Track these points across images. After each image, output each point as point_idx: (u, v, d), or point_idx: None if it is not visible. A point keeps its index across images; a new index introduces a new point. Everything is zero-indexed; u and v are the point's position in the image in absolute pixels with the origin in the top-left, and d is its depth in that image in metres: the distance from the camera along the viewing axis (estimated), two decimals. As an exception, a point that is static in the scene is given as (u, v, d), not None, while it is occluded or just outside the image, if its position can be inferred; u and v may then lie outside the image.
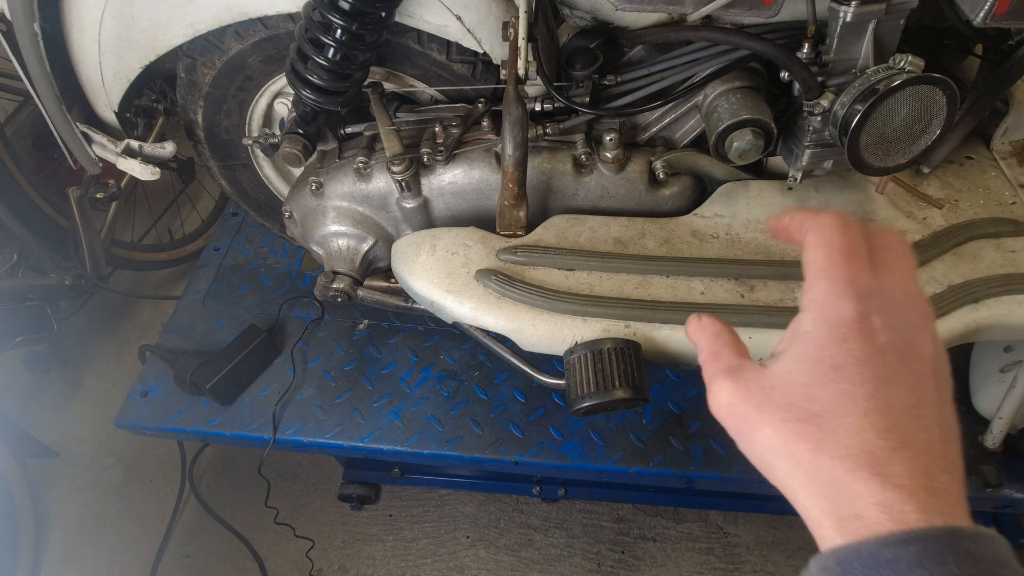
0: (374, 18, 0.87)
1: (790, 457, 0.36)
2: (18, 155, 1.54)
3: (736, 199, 0.94)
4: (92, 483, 1.75)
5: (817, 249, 0.41)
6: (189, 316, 1.43)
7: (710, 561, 1.54)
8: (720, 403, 0.41)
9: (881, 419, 0.35)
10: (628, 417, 1.24)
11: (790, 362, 0.38)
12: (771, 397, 0.38)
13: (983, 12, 0.74)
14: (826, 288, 0.39)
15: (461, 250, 0.90)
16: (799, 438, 0.36)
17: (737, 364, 0.42)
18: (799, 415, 0.36)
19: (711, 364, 0.43)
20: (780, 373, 0.39)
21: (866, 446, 0.34)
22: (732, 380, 0.41)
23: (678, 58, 0.90)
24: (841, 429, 0.35)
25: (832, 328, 0.38)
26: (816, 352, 0.38)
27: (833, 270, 0.39)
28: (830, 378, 0.36)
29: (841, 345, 0.37)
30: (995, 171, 0.99)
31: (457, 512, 1.64)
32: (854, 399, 0.36)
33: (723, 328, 0.45)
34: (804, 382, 0.37)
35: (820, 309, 0.39)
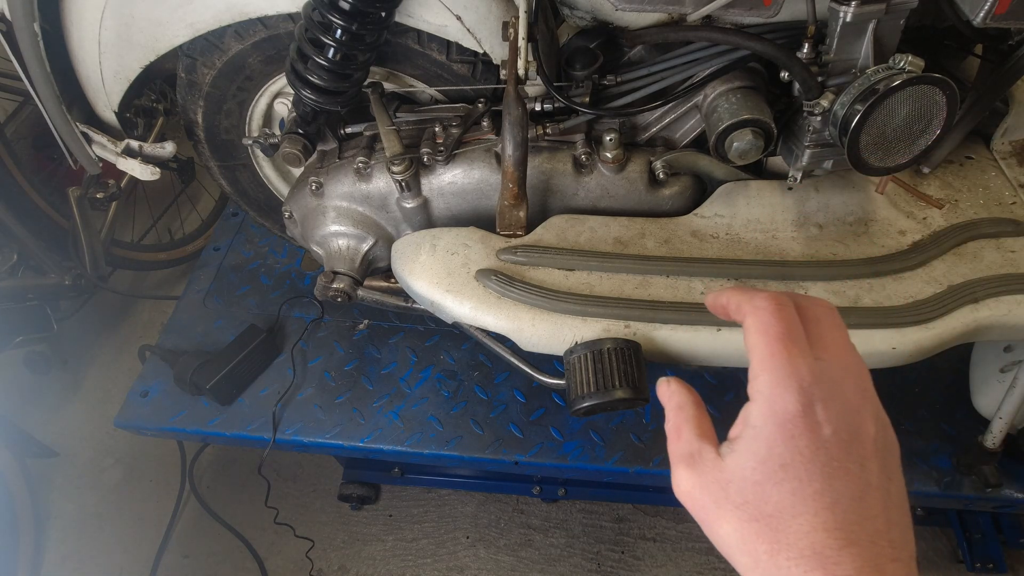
0: (374, 18, 0.87)
1: (750, 555, 0.38)
2: (18, 155, 1.55)
3: (736, 199, 0.94)
4: (92, 483, 1.75)
5: (756, 336, 0.42)
6: (189, 316, 1.44)
7: (710, 561, 1.54)
8: (681, 491, 0.43)
9: (830, 517, 0.37)
10: (628, 417, 1.24)
11: (743, 457, 0.40)
12: (728, 493, 0.40)
13: (983, 12, 0.74)
14: (770, 380, 0.41)
15: (461, 250, 0.90)
16: (756, 538, 0.38)
17: (696, 450, 0.43)
18: (754, 514, 0.38)
19: (673, 443, 0.45)
20: (734, 468, 0.40)
21: (816, 547, 0.36)
22: (691, 470, 0.42)
23: (678, 58, 0.90)
24: (793, 529, 0.37)
25: (779, 425, 0.39)
26: (766, 450, 0.39)
27: (775, 359, 0.41)
28: (780, 477, 0.38)
29: (788, 442, 0.39)
30: (995, 171, 0.99)
31: (457, 512, 1.64)
32: (803, 498, 0.37)
33: (687, 399, 0.47)
34: (757, 479, 0.39)
35: (767, 403, 0.40)
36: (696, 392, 0.49)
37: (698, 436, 0.45)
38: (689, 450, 0.44)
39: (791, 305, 0.44)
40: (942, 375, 1.27)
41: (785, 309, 0.43)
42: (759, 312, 0.43)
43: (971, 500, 1.17)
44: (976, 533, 1.46)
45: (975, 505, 1.22)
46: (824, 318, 0.44)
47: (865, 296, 0.85)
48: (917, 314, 0.83)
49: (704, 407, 0.47)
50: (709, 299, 0.49)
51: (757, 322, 0.43)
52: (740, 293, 0.46)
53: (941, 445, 1.20)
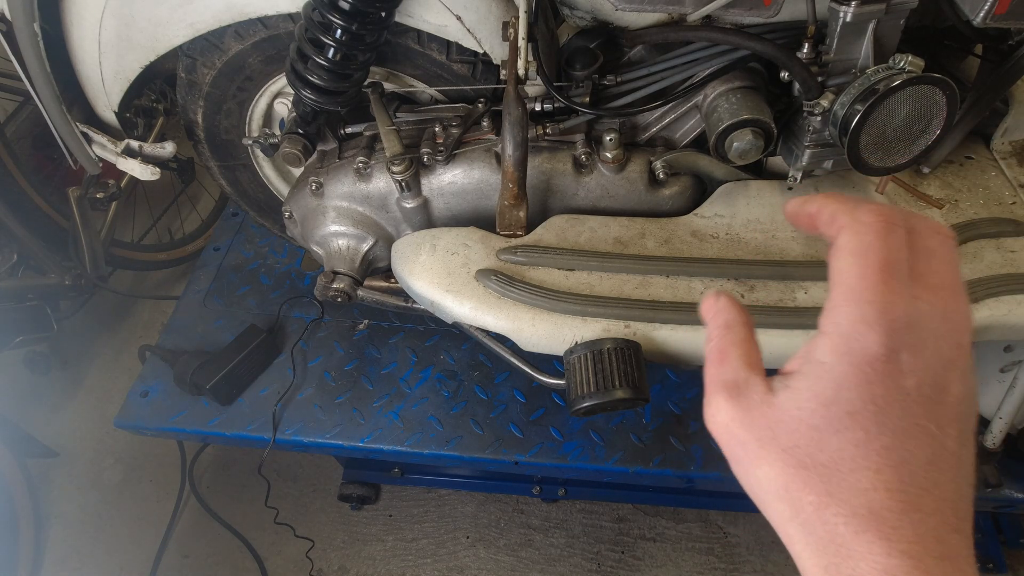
0: (374, 18, 0.87)
1: (791, 504, 0.34)
2: (18, 155, 1.54)
3: (736, 199, 0.94)
4: (92, 483, 1.75)
5: (850, 258, 0.35)
6: (189, 316, 1.44)
7: (710, 561, 1.54)
8: (717, 423, 0.37)
9: (895, 477, 0.33)
10: (628, 417, 1.24)
11: (802, 397, 0.35)
12: (776, 434, 0.35)
13: (983, 12, 0.74)
14: (854, 315, 0.34)
15: (461, 250, 0.90)
16: (803, 487, 0.34)
17: (743, 380, 0.37)
18: (805, 461, 0.34)
19: (715, 368, 0.39)
20: (789, 408, 0.35)
21: (874, 506, 0.32)
22: (734, 402, 0.37)
23: (678, 58, 0.90)
24: (850, 484, 0.33)
25: (855, 365, 0.34)
26: (834, 392, 0.34)
27: (866, 292, 0.34)
28: (844, 424, 0.33)
29: (863, 387, 0.33)
30: (995, 171, 0.99)
31: (457, 512, 1.64)
32: (867, 452, 0.33)
33: (737, 318, 0.40)
34: (815, 424, 0.34)
35: (843, 338, 0.34)
36: (748, 313, 0.41)
37: (746, 364, 0.38)
38: (734, 378, 0.37)
39: (902, 227, 0.36)
40: (942, 375, 1.27)
41: (895, 232, 0.35)
42: (861, 228, 0.35)
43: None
44: (976, 533, 1.46)
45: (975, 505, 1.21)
46: (939, 251, 0.36)
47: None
48: (917, 314, 0.83)
49: (755, 334, 0.40)
50: (792, 207, 0.41)
51: (856, 241, 0.35)
52: (839, 201, 0.38)
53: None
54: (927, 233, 0.37)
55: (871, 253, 0.35)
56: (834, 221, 0.37)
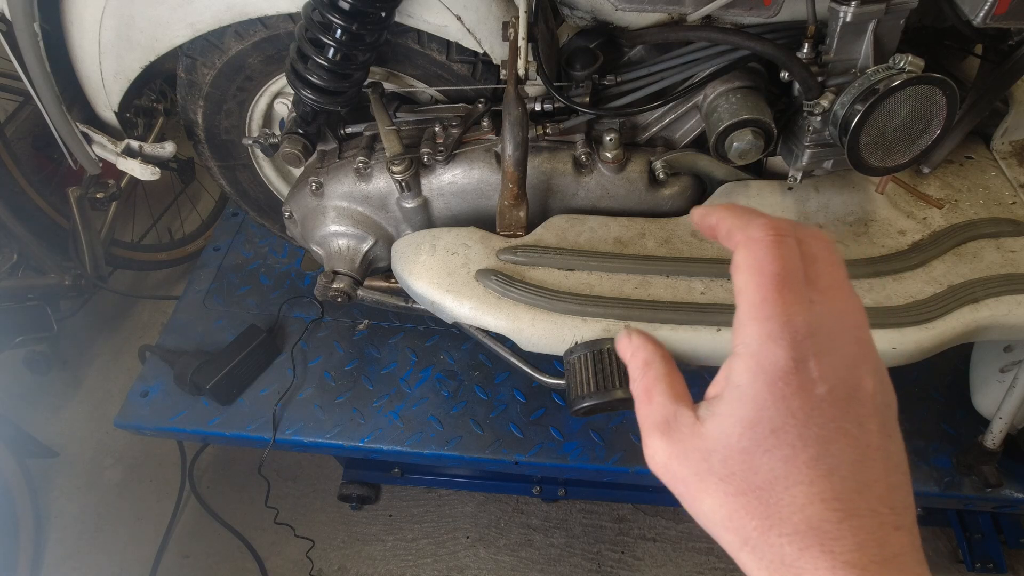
0: (374, 18, 0.87)
1: (737, 532, 0.34)
2: (18, 155, 1.54)
3: (736, 199, 0.94)
4: (92, 483, 1.75)
5: (747, 275, 0.36)
6: (189, 316, 1.44)
7: (710, 561, 1.54)
8: (657, 463, 0.38)
9: (827, 487, 0.33)
10: (628, 417, 1.24)
11: (727, 423, 0.35)
12: (711, 464, 0.35)
13: (983, 12, 0.74)
14: (759, 332, 0.35)
15: (461, 250, 0.90)
16: (745, 513, 0.34)
17: (671, 414, 0.38)
18: (742, 487, 0.34)
19: (643, 407, 0.39)
20: (717, 435, 0.35)
21: (813, 520, 0.32)
22: (667, 439, 0.37)
23: (678, 58, 0.90)
24: (787, 502, 0.33)
25: (769, 383, 0.34)
26: (755, 412, 0.34)
27: (765, 308, 0.35)
28: (770, 444, 0.34)
29: (780, 403, 0.34)
30: (995, 171, 0.99)
31: (457, 512, 1.64)
32: (797, 467, 0.33)
33: (655, 354, 0.41)
34: (743, 447, 0.34)
35: (753, 357, 0.35)
36: (662, 345, 0.42)
37: (672, 398, 0.39)
38: (663, 415, 0.38)
39: (792, 238, 0.37)
40: (942, 375, 1.27)
41: (786, 243, 0.36)
42: (754, 245, 0.36)
43: (971, 500, 1.17)
44: (976, 533, 1.46)
45: (975, 505, 1.22)
46: (821, 254, 0.38)
47: (865, 296, 0.85)
48: (917, 314, 0.83)
49: (673, 362, 0.41)
50: (697, 213, 0.41)
51: (750, 258, 0.36)
52: (734, 215, 0.38)
53: (941, 445, 1.20)
54: (810, 240, 0.38)
55: (765, 268, 0.36)
56: (730, 237, 0.38)
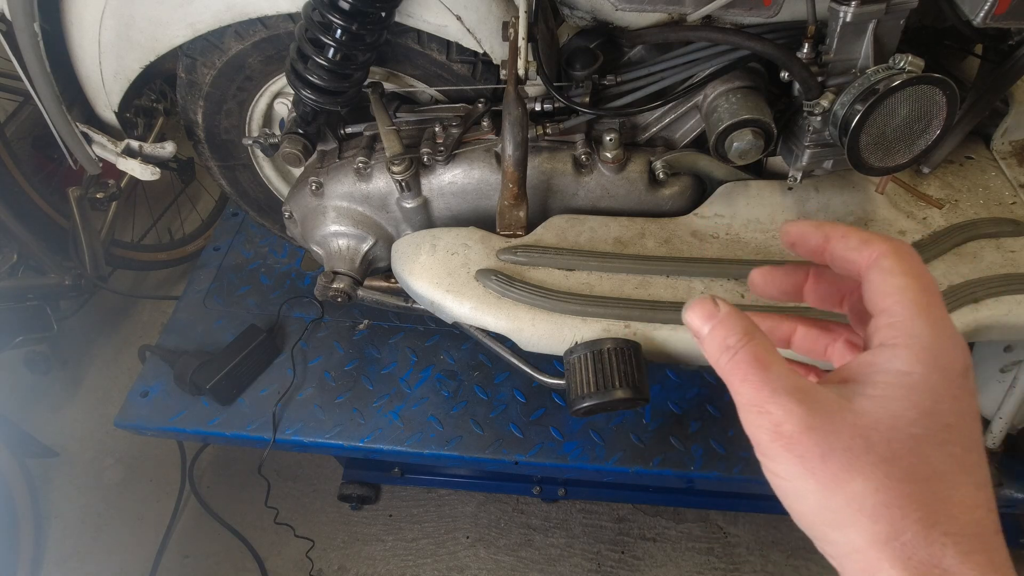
0: (374, 18, 0.87)
1: (891, 523, 0.30)
2: (18, 155, 1.54)
3: (736, 199, 0.94)
4: (92, 483, 1.75)
5: (905, 278, 0.34)
6: (189, 316, 1.44)
7: (710, 561, 1.54)
8: (782, 432, 0.32)
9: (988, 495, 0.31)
10: (628, 417, 1.24)
11: (898, 405, 0.32)
12: (871, 442, 0.31)
13: (983, 12, 0.74)
14: (934, 329, 0.33)
15: (461, 250, 0.90)
16: (910, 503, 0.30)
17: (805, 384, 0.33)
18: (909, 474, 0.31)
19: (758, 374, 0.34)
20: (881, 415, 0.32)
21: (979, 526, 0.30)
22: (807, 406, 0.32)
23: (678, 58, 0.90)
24: (956, 500, 0.30)
25: (948, 378, 0.32)
26: (932, 403, 0.32)
27: (936, 309, 0.34)
28: (944, 437, 0.31)
29: (955, 401, 0.32)
30: (995, 171, 0.99)
31: (457, 512, 1.64)
32: (965, 467, 0.31)
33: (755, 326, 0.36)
34: (916, 434, 0.31)
35: (928, 351, 0.33)
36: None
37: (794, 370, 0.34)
38: (794, 383, 0.33)
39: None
40: (942, 375, 1.27)
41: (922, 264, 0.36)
42: (906, 255, 0.35)
43: (971, 500, 1.17)
44: (976, 533, 1.46)
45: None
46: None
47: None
48: (917, 314, 0.83)
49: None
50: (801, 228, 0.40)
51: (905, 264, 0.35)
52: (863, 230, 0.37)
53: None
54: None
55: (924, 276, 0.35)
56: (868, 245, 0.36)
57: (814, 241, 0.39)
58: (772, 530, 1.56)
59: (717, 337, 0.36)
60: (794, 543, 1.54)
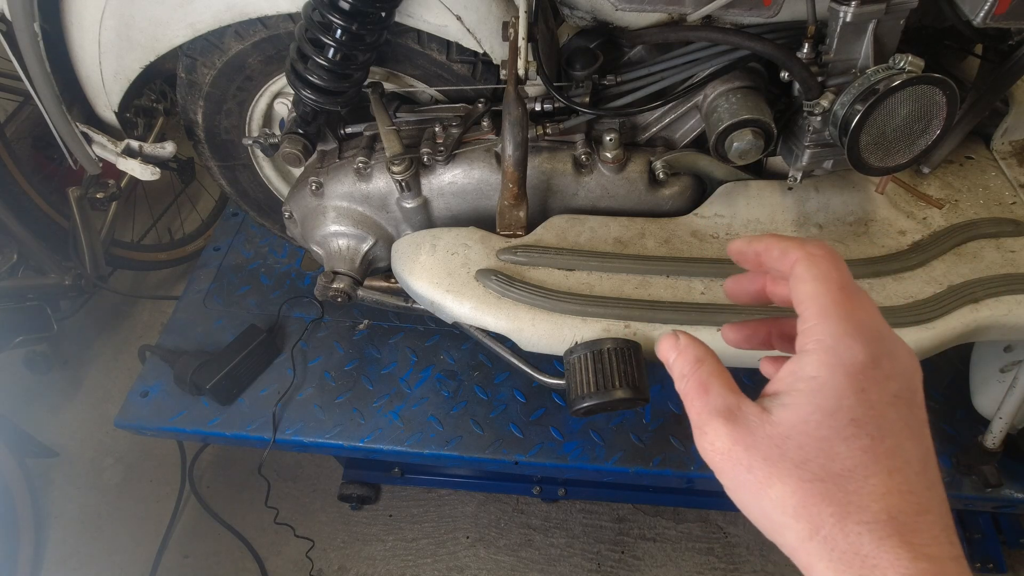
0: (374, 18, 0.87)
1: (809, 520, 0.33)
2: (18, 155, 1.54)
3: (736, 199, 0.94)
4: (92, 483, 1.75)
5: (814, 283, 0.38)
6: (189, 316, 1.43)
7: (710, 561, 1.54)
8: (716, 450, 0.37)
9: (904, 479, 0.33)
10: (628, 417, 1.24)
11: (804, 410, 0.35)
12: (784, 450, 0.34)
13: (983, 12, 0.74)
14: (835, 329, 0.36)
15: (461, 250, 0.90)
16: (821, 500, 0.33)
17: (734, 403, 0.38)
18: (819, 473, 0.33)
19: (699, 399, 0.39)
20: (793, 422, 0.35)
21: (893, 511, 0.32)
22: (732, 425, 0.36)
23: (678, 58, 0.90)
24: (867, 491, 0.33)
25: (849, 375, 0.35)
26: (835, 401, 0.35)
27: (839, 309, 0.36)
28: (850, 432, 0.34)
29: (859, 395, 0.35)
30: (995, 171, 0.99)
31: (457, 512, 1.64)
32: (876, 457, 0.33)
33: (707, 353, 0.41)
34: (823, 435, 0.34)
35: (831, 352, 0.36)
36: (712, 351, 0.42)
37: (731, 391, 0.38)
38: (725, 404, 0.37)
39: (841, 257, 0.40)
40: (942, 375, 1.27)
41: (840, 259, 0.39)
42: (816, 259, 0.38)
43: (971, 500, 1.17)
44: (976, 533, 1.46)
45: (975, 505, 1.22)
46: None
47: (865, 296, 0.85)
48: (917, 314, 0.83)
49: (721, 363, 0.42)
50: (738, 244, 0.43)
51: (815, 268, 0.38)
52: (783, 240, 0.41)
53: (941, 445, 1.20)
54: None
55: (832, 277, 0.38)
56: (786, 255, 0.40)
57: (750, 256, 0.43)
58: (772, 530, 1.56)
59: (676, 367, 0.42)
60: (794, 543, 1.54)
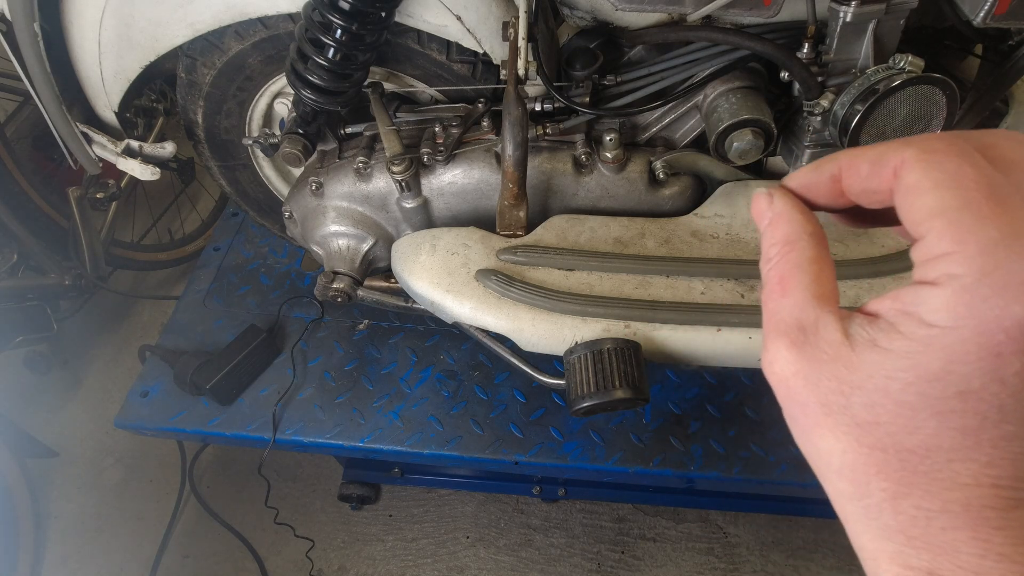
0: (374, 18, 0.87)
1: (856, 485, 0.28)
2: (18, 155, 1.54)
3: (736, 199, 0.94)
4: (92, 483, 1.75)
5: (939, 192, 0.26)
6: (189, 316, 1.43)
7: (710, 561, 1.54)
8: (775, 373, 0.30)
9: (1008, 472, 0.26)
10: (628, 417, 1.24)
11: (897, 365, 0.26)
12: (850, 402, 0.28)
13: (983, 12, 0.74)
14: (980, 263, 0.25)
15: (461, 250, 0.90)
16: (876, 472, 0.27)
17: (811, 320, 0.29)
18: (885, 442, 0.27)
19: (774, 300, 0.31)
20: (873, 372, 0.27)
21: (974, 503, 0.26)
22: (798, 352, 0.29)
23: (678, 58, 0.90)
24: (944, 476, 0.26)
25: (984, 333, 0.25)
26: (943, 365, 0.26)
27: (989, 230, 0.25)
28: (951, 407, 0.26)
29: (989, 362, 0.25)
30: (995, 171, 0.99)
31: (457, 512, 1.64)
32: (978, 442, 0.26)
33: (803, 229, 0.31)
34: (907, 401, 0.26)
35: (968, 295, 0.25)
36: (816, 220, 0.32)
37: (816, 297, 0.29)
38: (799, 317, 0.29)
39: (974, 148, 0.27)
40: (942, 375, 1.27)
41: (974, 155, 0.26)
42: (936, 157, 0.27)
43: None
44: (976, 533, 1.46)
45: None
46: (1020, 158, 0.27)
47: (865, 296, 0.85)
48: (917, 314, 0.83)
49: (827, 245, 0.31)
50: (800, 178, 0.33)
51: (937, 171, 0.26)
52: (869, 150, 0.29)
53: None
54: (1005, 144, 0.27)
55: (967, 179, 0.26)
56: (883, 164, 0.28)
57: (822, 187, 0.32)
58: (772, 530, 1.56)
59: (765, 241, 0.32)
60: (794, 543, 1.54)
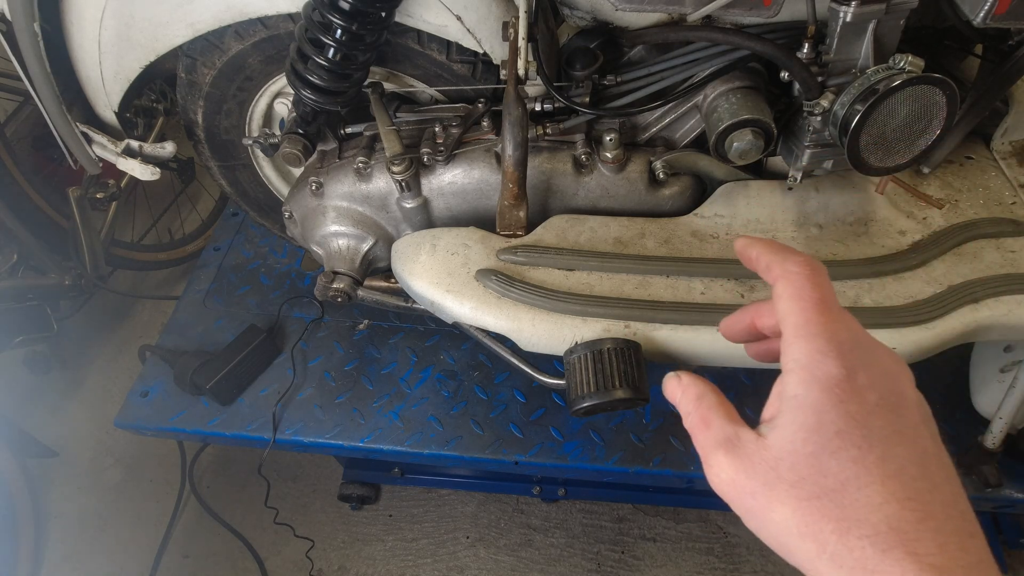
0: (374, 18, 0.86)
1: (814, 538, 0.33)
2: (18, 155, 1.55)
3: (736, 199, 0.94)
4: (92, 483, 1.75)
5: (790, 302, 0.39)
6: (189, 316, 1.44)
7: (710, 561, 1.54)
8: (722, 480, 0.38)
9: (899, 486, 0.33)
10: (628, 417, 1.24)
11: (789, 430, 0.36)
12: (779, 472, 0.35)
13: (983, 12, 0.74)
14: (807, 347, 0.37)
15: (461, 250, 0.90)
16: (820, 517, 0.33)
17: (732, 434, 0.39)
18: (814, 491, 0.34)
19: (701, 433, 0.41)
20: (782, 443, 0.36)
21: (892, 520, 0.32)
22: (732, 455, 0.38)
23: (678, 58, 0.90)
24: (862, 502, 0.33)
25: (825, 390, 0.36)
26: (816, 417, 0.35)
27: (811, 327, 0.38)
28: (836, 445, 0.34)
29: (838, 407, 0.35)
30: (995, 171, 0.99)
31: (457, 512, 1.64)
32: (867, 466, 0.33)
33: (706, 388, 0.43)
34: (810, 451, 0.35)
35: (805, 369, 0.37)
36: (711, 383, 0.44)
37: (730, 422, 0.40)
38: (724, 435, 0.39)
39: (824, 270, 0.40)
40: (942, 375, 1.27)
41: (819, 274, 0.40)
42: (793, 276, 0.40)
43: (971, 500, 1.17)
44: (976, 533, 1.46)
45: (975, 505, 1.20)
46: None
47: (865, 296, 0.85)
48: (917, 314, 0.83)
49: (724, 397, 0.43)
50: (740, 243, 0.45)
51: (791, 287, 0.39)
52: (772, 251, 0.42)
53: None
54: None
55: (805, 294, 0.39)
56: (769, 271, 0.42)
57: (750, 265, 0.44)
58: (772, 530, 1.56)
59: (681, 405, 0.43)
60: (794, 543, 1.54)
